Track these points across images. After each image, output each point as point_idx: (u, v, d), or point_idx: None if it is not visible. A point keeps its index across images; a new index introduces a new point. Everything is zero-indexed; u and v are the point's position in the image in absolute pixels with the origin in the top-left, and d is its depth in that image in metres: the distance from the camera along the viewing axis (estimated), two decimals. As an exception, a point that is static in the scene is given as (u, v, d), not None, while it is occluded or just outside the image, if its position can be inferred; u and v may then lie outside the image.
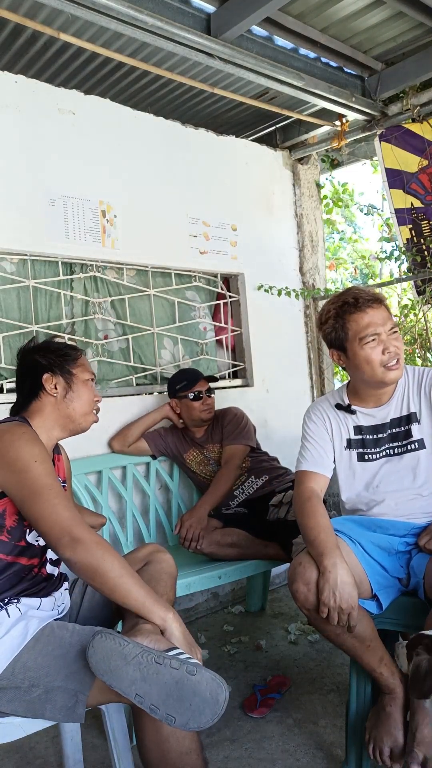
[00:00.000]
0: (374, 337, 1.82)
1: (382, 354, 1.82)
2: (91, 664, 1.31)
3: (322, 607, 1.64)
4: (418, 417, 1.91)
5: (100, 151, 3.03)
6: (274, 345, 3.76)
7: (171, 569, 1.77)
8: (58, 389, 1.72)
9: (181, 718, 1.26)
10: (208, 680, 1.28)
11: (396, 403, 1.94)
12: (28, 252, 2.81)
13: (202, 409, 2.89)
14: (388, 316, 1.87)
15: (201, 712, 1.26)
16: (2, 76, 2.74)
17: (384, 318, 1.84)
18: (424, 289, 3.50)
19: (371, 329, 1.82)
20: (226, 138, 3.63)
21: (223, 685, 1.29)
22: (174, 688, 1.27)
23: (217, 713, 1.27)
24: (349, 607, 1.62)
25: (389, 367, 1.83)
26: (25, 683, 1.39)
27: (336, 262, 6.61)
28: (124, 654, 1.29)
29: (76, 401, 1.73)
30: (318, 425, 2.01)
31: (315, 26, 3.05)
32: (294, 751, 2.01)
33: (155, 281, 3.30)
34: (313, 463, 1.97)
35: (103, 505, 2.82)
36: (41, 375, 1.73)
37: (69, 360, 1.77)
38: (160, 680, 1.27)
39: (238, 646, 2.81)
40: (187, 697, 1.26)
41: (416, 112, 3.49)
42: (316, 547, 1.72)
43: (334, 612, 1.63)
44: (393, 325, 1.86)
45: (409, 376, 1.95)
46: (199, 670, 1.29)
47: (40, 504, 1.48)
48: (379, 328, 1.82)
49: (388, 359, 1.83)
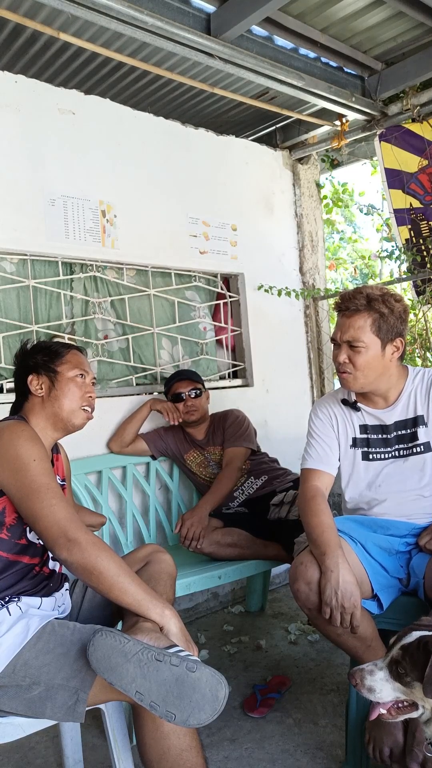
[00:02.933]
0: (336, 345, 1.90)
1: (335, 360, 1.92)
2: (92, 661, 1.31)
3: (324, 607, 1.64)
4: (425, 420, 1.91)
5: (100, 151, 3.03)
6: (274, 345, 3.76)
7: (171, 569, 1.77)
8: (43, 388, 1.73)
9: (181, 714, 1.26)
10: (208, 677, 1.28)
11: (402, 404, 1.94)
12: (28, 252, 2.81)
13: (184, 410, 2.88)
14: (362, 325, 1.83)
15: (201, 708, 1.26)
16: (2, 76, 2.74)
17: (352, 326, 1.84)
18: (423, 289, 3.50)
19: (338, 335, 1.89)
20: (226, 138, 3.64)
21: (223, 681, 1.29)
22: (174, 685, 1.27)
23: (216, 710, 1.27)
24: (351, 606, 1.62)
25: (339, 371, 1.90)
26: (25, 681, 1.39)
27: (336, 262, 6.61)
28: (125, 651, 1.29)
29: (61, 399, 1.73)
30: (324, 422, 2.01)
31: (315, 26, 3.05)
32: (294, 751, 2.01)
33: (155, 281, 3.30)
34: (319, 461, 1.97)
35: (103, 505, 2.82)
36: (26, 376, 1.75)
37: (54, 358, 1.76)
38: (160, 677, 1.27)
39: (238, 646, 2.81)
40: (187, 694, 1.26)
41: (416, 112, 3.50)
42: (318, 546, 1.73)
43: (337, 612, 1.63)
44: (359, 339, 1.83)
45: (416, 378, 1.95)
46: (199, 667, 1.29)
47: (38, 504, 1.48)
48: (343, 335, 1.86)
49: (337, 367, 1.91)
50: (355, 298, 1.85)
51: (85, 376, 1.78)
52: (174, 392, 2.89)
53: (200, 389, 2.92)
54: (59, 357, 1.77)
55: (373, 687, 1.35)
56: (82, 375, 1.78)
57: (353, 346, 1.84)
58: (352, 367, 1.86)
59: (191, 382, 2.91)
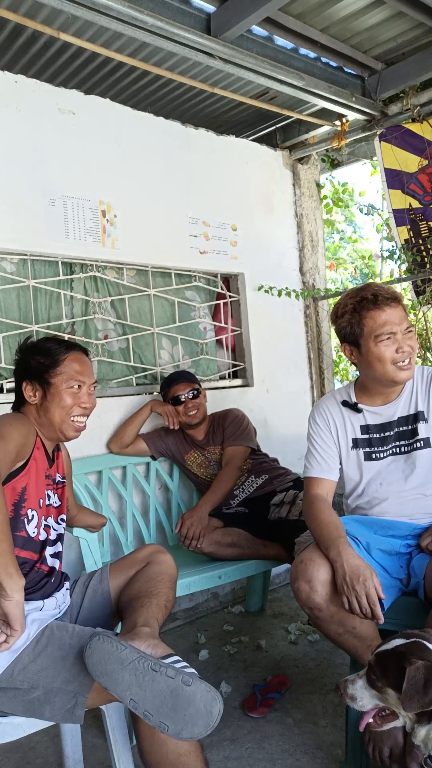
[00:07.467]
0: (389, 335, 1.81)
1: (396, 353, 1.81)
2: (88, 665, 1.31)
3: (341, 597, 1.64)
4: (425, 416, 1.91)
5: (100, 151, 3.03)
6: (274, 345, 3.76)
7: (171, 570, 1.77)
8: (36, 396, 1.72)
9: (174, 727, 1.26)
10: (203, 692, 1.28)
11: (404, 401, 1.94)
12: (28, 252, 2.81)
13: (184, 412, 2.87)
14: (404, 315, 1.86)
15: (194, 723, 1.26)
16: (2, 76, 2.73)
17: (401, 317, 1.83)
18: (423, 289, 3.50)
19: (387, 327, 1.81)
20: (226, 138, 3.63)
21: (218, 698, 1.29)
22: (168, 697, 1.27)
23: (210, 725, 1.27)
24: (363, 587, 1.61)
25: (401, 367, 1.83)
26: (24, 685, 1.39)
27: (336, 262, 6.60)
28: (121, 658, 1.29)
29: (52, 410, 1.71)
30: (322, 428, 2.01)
31: (315, 26, 3.05)
32: (294, 751, 2.01)
33: (155, 281, 3.30)
34: (320, 470, 1.98)
35: (103, 505, 2.82)
36: (21, 381, 1.74)
37: (50, 368, 1.72)
38: (155, 688, 1.27)
39: (238, 646, 2.81)
40: (182, 707, 1.26)
41: (416, 112, 3.49)
42: (322, 542, 1.75)
43: (352, 597, 1.62)
44: (408, 325, 1.85)
45: (417, 374, 1.95)
46: (195, 681, 1.28)
47: None
48: (395, 327, 1.81)
49: (400, 358, 1.82)
50: (385, 289, 1.85)
51: (81, 386, 1.74)
52: (173, 395, 2.88)
53: (198, 389, 2.91)
54: (56, 366, 1.72)
55: (354, 696, 1.37)
56: (79, 385, 1.74)
57: (409, 331, 1.84)
58: (412, 353, 1.84)
59: (189, 383, 2.90)
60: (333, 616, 1.70)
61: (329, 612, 1.69)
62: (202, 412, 2.92)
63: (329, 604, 1.69)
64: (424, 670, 1.25)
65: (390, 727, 1.39)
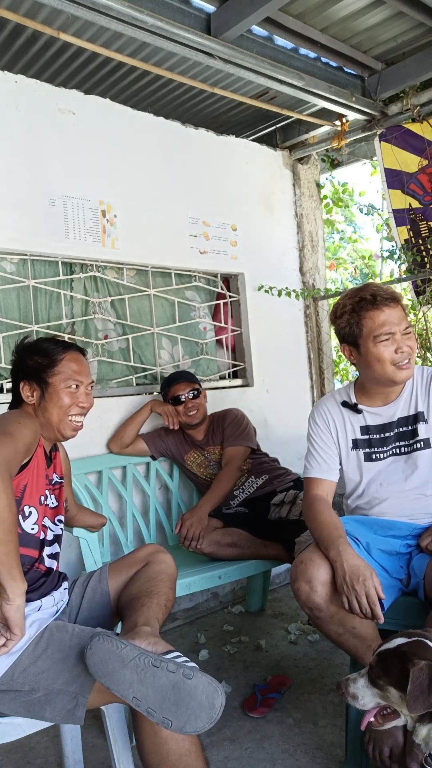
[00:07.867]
0: (388, 336, 1.81)
1: (395, 353, 1.81)
2: (89, 666, 1.31)
3: (342, 597, 1.64)
4: (425, 416, 1.91)
5: (100, 151, 3.03)
6: (274, 345, 3.76)
7: (171, 570, 1.77)
8: (34, 396, 1.73)
9: (178, 721, 1.26)
10: (205, 684, 1.28)
11: (404, 402, 1.94)
12: (28, 252, 2.81)
13: (184, 412, 2.86)
14: (403, 315, 1.86)
15: (197, 716, 1.26)
16: (2, 76, 2.73)
17: (400, 317, 1.83)
18: (423, 289, 3.50)
19: (386, 328, 1.81)
20: (226, 138, 3.63)
21: (220, 689, 1.29)
22: (170, 692, 1.27)
23: (213, 718, 1.27)
24: (363, 587, 1.61)
25: (400, 366, 1.83)
26: (25, 687, 1.39)
27: (336, 262, 6.60)
28: (122, 657, 1.29)
29: (50, 410, 1.72)
30: (322, 428, 2.01)
31: (315, 26, 3.05)
32: (294, 751, 2.01)
33: (155, 281, 3.30)
34: (319, 470, 1.98)
35: (103, 505, 2.82)
36: (18, 382, 1.75)
37: (47, 367, 1.73)
38: (156, 683, 1.27)
39: (238, 646, 2.81)
40: (184, 701, 1.26)
41: (416, 112, 3.50)
42: (321, 543, 1.75)
43: (352, 597, 1.62)
44: (408, 325, 1.85)
45: (417, 375, 1.95)
46: (196, 674, 1.28)
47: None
48: (394, 327, 1.81)
49: (399, 358, 1.82)
50: (383, 289, 1.85)
51: (79, 386, 1.75)
52: (173, 395, 2.88)
53: (198, 389, 2.91)
54: (53, 366, 1.73)
55: (356, 694, 1.37)
56: (77, 385, 1.75)
57: (408, 332, 1.84)
58: (411, 353, 1.84)
59: (189, 383, 2.90)
60: (333, 616, 1.70)
61: (329, 612, 1.69)
62: (202, 412, 2.92)
63: (329, 605, 1.69)
64: (428, 671, 1.25)
65: (391, 725, 1.39)
